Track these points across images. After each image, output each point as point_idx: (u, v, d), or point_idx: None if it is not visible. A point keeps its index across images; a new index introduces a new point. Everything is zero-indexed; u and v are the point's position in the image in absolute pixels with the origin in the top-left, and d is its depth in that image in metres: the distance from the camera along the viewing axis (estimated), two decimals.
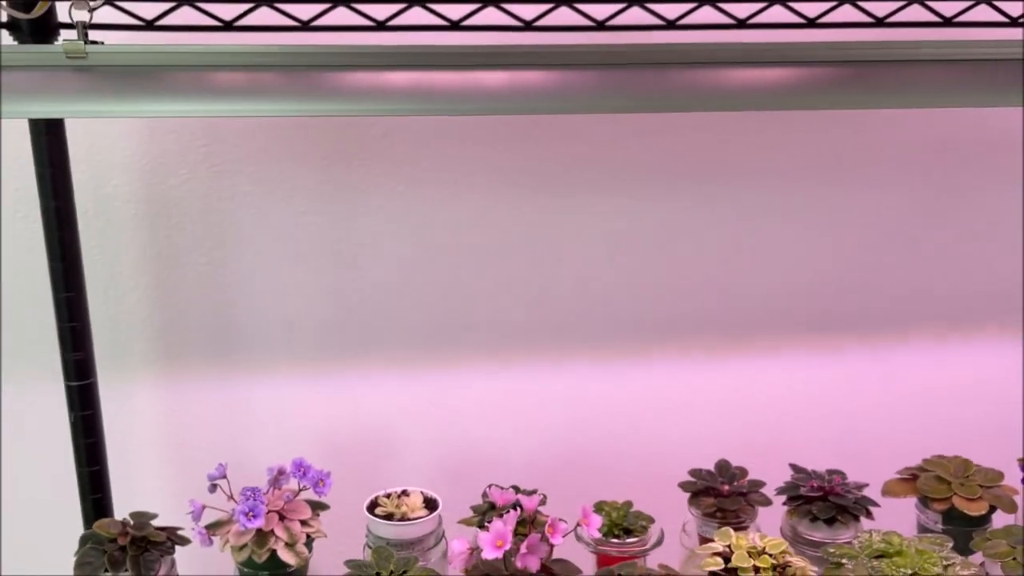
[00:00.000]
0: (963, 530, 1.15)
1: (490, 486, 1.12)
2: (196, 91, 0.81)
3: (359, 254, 1.33)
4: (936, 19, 1.13)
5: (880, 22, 1.12)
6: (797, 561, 1.04)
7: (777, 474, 1.22)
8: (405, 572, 1.02)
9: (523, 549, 1.00)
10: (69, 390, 1.12)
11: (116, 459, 1.30)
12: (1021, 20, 1.14)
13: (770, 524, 1.20)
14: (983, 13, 1.13)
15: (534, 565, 1.01)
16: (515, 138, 1.31)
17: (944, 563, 1.03)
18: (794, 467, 1.24)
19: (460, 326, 1.38)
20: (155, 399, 1.36)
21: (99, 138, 1.25)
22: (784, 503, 1.20)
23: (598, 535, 1.08)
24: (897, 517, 1.21)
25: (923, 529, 1.21)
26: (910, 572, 1.01)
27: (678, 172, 1.35)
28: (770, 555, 1.04)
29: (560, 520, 1.03)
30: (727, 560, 1.03)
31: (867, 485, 1.20)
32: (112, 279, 1.30)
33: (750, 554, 1.04)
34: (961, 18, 1.13)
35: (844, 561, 1.06)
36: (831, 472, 1.23)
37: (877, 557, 1.05)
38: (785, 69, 1.04)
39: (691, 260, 1.40)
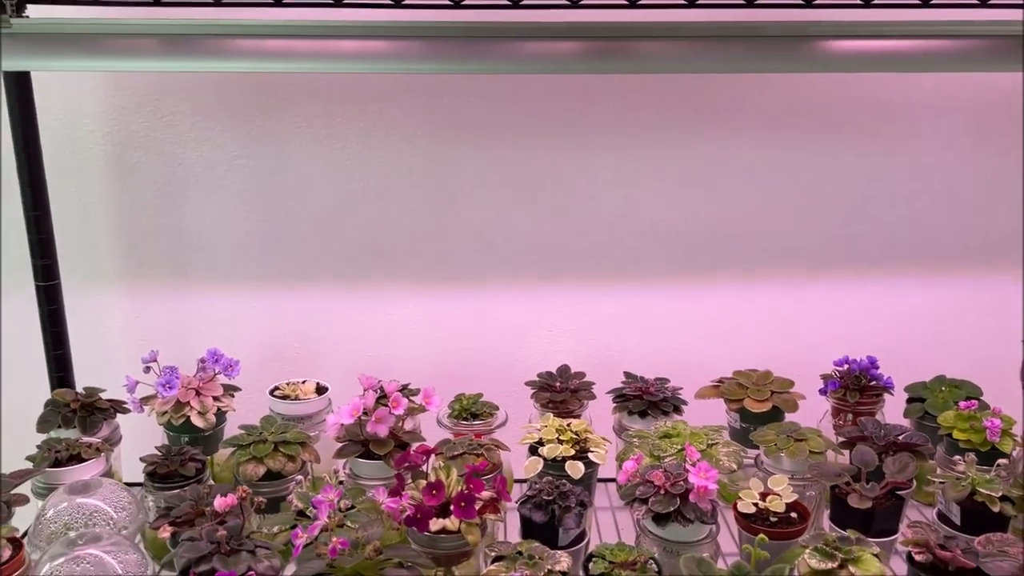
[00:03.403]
0: (756, 426, 1.39)
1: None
2: (94, 52, 1.09)
3: (285, 191, 1.61)
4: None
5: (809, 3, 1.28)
6: (595, 437, 1.30)
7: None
8: (284, 433, 1.30)
9: (372, 418, 1.28)
10: (38, 289, 1.43)
11: (89, 353, 1.61)
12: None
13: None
14: None
15: (382, 432, 1.28)
16: (413, 97, 1.57)
17: (709, 443, 1.28)
18: (627, 374, 1.49)
19: (371, 255, 1.65)
20: (122, 306, 1.66)
21: (73, 91, 1.54)
22: (613, 400, 1.46)
23: (435, 411, 1.35)
24: (720, 418, 1.46)
25: (729, 425, 1.45)
26: (679, 448, 1.26)
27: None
28: (574, 432, 1.30)
29: (403, 398, 1.30)
30: None
31: (681, 389, 1.45)
32: (85, 207, 1.60)
33: (558, 431, 1.30)
34: None
35: (635, 440, 1.32)
36: (658, 379, 1.48)
37: (663, 437, 1.31)
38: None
39: (574, 206, 1.65)
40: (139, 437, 1.43)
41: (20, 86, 1.33)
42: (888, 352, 1.53)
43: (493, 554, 1.08)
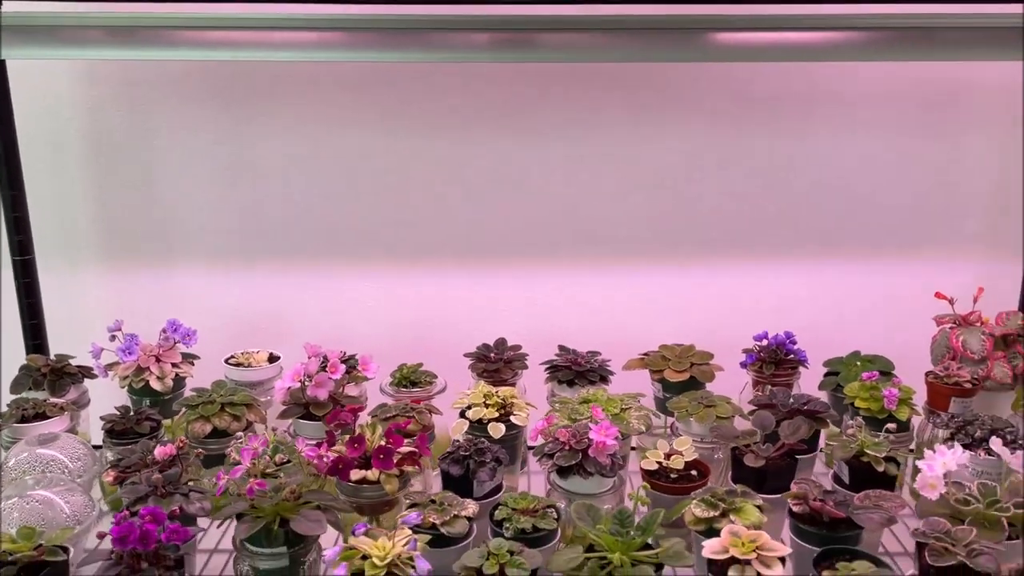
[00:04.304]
0: (676, 395, 1.48)
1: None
2: (55, 42, 1.22)
3: (254, 175, 1.72)
4: None
5: None
6: (519, 402, 1.40)
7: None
8: (232, 395, 1.41)
9: (313, 382, 1.38)
10: (14, 263, 1.55)
11: (70, 329, 1.72)
12: None
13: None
14: None
15: (322, 395, 1.39)
16: (371, 84, 1.67)
17: (623, 407, 1.38)
18: (560, 347, 1.59)
19: (336, 237, 1.76)
20: (101, 286, 1.77)
21: (53, 81, 1.66)
22: (545, 371, 1.55)
23: (376, 378, 1.45)
24: (649, 388, 1.56)
25: (654, 394, 1.54)
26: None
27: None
28: (500, 398, 1.40)
29: (341, 364, 1.41)
30: None
31: (610, 361, 1.55)
32: (65, 193, 1.71)
33: (486, 396, 1.40)
34: None
35: (557, 405, 1.41)
36: (589, 352, 1.57)
37: (583, 403, 1.40)
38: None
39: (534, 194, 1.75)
40: (110, 404, 1.54)
41: None
42: (820, 331, 1.62)
43: (408, 502, 1.18)
